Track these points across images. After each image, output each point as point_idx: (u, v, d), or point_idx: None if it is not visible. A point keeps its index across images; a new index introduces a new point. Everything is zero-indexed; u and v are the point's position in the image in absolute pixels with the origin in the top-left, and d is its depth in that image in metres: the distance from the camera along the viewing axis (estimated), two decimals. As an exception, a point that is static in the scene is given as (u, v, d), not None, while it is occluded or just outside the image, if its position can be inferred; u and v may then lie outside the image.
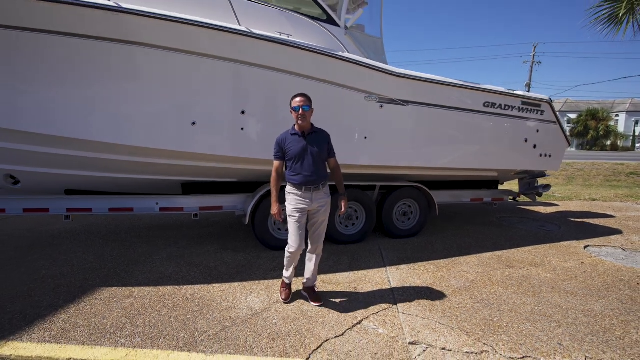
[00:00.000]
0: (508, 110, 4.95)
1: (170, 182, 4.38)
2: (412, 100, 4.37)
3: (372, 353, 2.39)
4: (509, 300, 3.18)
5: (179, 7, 3.58)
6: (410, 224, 5.09)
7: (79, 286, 3.32)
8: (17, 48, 3.28)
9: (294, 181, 2.81)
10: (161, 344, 2.44)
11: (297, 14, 4.14)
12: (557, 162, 5.63)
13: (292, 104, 2.83)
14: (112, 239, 4.82)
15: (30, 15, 3.16)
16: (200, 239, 4.86)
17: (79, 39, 3.31)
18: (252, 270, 3.76)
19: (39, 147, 3.68)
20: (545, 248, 4.71)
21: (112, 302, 3.03)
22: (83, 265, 3.86)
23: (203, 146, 3.84)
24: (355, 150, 4.30)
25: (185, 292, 3.24)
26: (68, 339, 2.48)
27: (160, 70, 3.55)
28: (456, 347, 2.46)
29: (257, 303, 3.05)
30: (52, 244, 4.59)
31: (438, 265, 4.00)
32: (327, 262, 4.00)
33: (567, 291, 3.38)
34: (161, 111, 3.66)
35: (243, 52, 3.66)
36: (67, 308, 2.90)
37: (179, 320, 2.74)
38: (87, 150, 3.72)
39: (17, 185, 4.17)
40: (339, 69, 3.94)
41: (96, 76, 3.47)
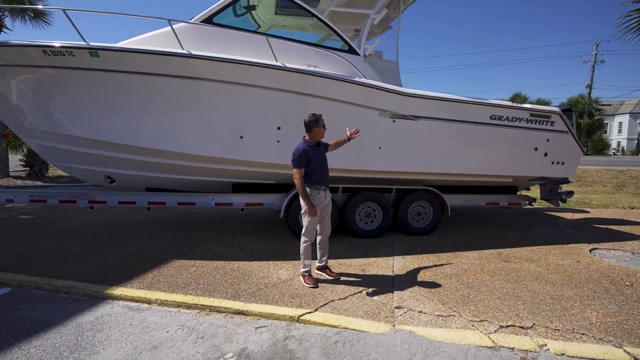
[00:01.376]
0: (515, 121, 5.44)
1: (223, 183, 5.52)
2: (421, 115, 5.09)
3: (364, 311, 3.21)
4: (490, 284, 3.79)
5: (231, 49, 4.71)
6: (424, 223, 5.75)
7: (158, 258, 4.52)
8: (120, 84, 4.61)
9: (319, 183, 3.64)
10: (215, 295, 3.47)
11: (322, 48, 5.09)
12: (571, 169, 5.92)
13: (319, 123, 3.66)
14: (180, 227, 6.09)
15: (132, 62, 4.46)
16: (246, 230, 5.96)
17: (161, 77, 4.56)
18: (284, 253, 4.73)
19: (130, 155, 5.00)
20: (550, 248, 5.12)
21: (181, 268, 4.16)
22: (160, 244, 5.10)
23: (248, 155, 4.92)
24: (371, 158, 5.11)
25: (233, 265, 4.29)
26: (154, 288, 3.62)
27: (216, 97, 4.69)
28: (430, 311, 3.20)
29: (284, 275, 4.00)
30: (137, 230, 5.95)
31: (440, 257, 4.66)
32: (345, 250, 4.85)
33: (548, 281, 3.89)
34: (217, 128, 4.80)
35: (278, 81, 4.69)
36: (152, 271, 4.08)
37: (227, 282, 3.77)
38: (164, 158, 4.96)
39: (113, 184, 5.57)
40: (354, 91, 4.81)
41: (172, 103, 4.70)
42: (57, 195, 5.43)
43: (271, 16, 6.11)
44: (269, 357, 2.56)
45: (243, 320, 3.10)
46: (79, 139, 4.99)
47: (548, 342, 2.73)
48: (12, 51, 4.50)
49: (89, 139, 4.95)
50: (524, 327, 2.94)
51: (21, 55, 4.51)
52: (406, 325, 2.97)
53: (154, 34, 4.86)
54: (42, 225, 6.23)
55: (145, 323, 3.02)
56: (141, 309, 3.29)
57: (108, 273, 4.00)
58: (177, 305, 3.32)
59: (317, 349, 2.67)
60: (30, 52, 4.44)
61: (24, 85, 4.79)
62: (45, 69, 4.58)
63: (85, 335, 2.82)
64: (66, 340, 2.76)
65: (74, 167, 5.52)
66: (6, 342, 2.71)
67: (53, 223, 6.37)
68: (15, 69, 4.66)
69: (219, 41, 4.93)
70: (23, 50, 4.45)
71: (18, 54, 4.50)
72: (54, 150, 5.38)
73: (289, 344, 2.73)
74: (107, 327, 2.95)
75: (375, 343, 2.75)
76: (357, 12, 5.51)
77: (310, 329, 2.94)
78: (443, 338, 2.80)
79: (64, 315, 3.12)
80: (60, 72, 4.58)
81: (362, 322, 3.03)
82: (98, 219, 6.71)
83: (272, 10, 5.94)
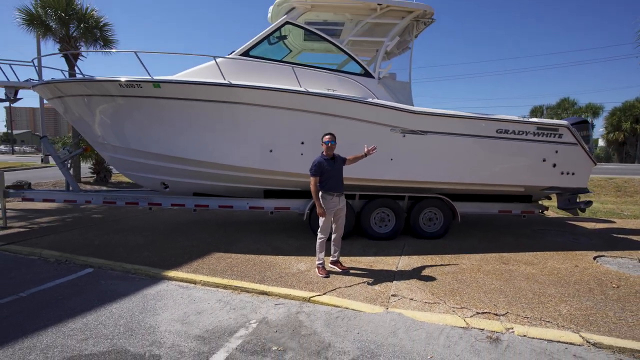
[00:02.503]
0: (522, 135, 5.83)
1: (256, 190, 6.43)
2: (429, 130, 5.67)
3: (364, 296, 3.88)
4: (481, 281, 4.29)
5: (264, 77, 5.63)
6: (435, 228, 6.26)
7: (201, 250, 5.48)
8: (175, 109, 5.68)
9: (332, 190, 4.41)
10: (245, 280, 4.31)
11: (340, 73, 5.86)
12: (582, 179, 6.15)
13: (323, 139, 4.48)
14: (220, 227, 7.10)
15: (185, 91, 5.51)
16: (276, 230, 6.82)
17: (207, 102, 5.57)
18: (305, 250, 5.49)
19: (181, 165, 6.05)
20: (553, 254, 5.43)
21: (220, 259, 5.07)
22: (203, 240, 6.10)
23: (276, 165, 5.78)
24: (383, 169, 5.77)
25: (261, 258, 5.13)
26: (199, 272, 4.54)
27: (250, 118, 5.62)
28: (420, 299, 3.80)
29: (303, 267, 4.76)
30: (185, 228, 7.03)
31: (443, 258, 5.18)
32: (358, 250, 5.52)
33: (537, 280, 4.31)
34: (251, 143, 5.73)
35: (303, 104, 5.52)
36: (197, 260, 5.03)
37: (256, 271, 4.61)
38: (208, 168, 5.96)
39: (167, 189, 6.69)
40: (367, 111, 5.52)
41: (215, 123, 5.70)
42: (124, 198, 6.64)
43: (301, 42, 7.03)
44: (283, 324, 3.33)
45: (266, 298, 3.90)
46: (142, 152, 6.14)
47: (515, 326, 3.24)
48: (96, 85, 5.75)
49: (149, 152, 6.08)
50: (497, 314, 3.46)
51: (102, 88, 5.74)
52: (397, 309, 3.60)
53: (201, 67, 5.90)
54: (111, 222, 7.53)
55: (192, 297, 3.92)
56: (189, 287, 4.20)
57: (164, 260, 5.00)
58: (216, 285, 4.20)
59: (321, 321, 3.39)
60: (108, 85, 5.66)
61: (102, 110, 6.04)
62: (118, 97, 5.77)
63: (149, 303, 3.76)
64: (136, 305, 3.72)
65: (136, 175, 6.72)
66: (95, 305, 3.71)
67: (119, 221, 7.66)
68: (95, 98, 5.91)
69: (254, 70, 5.87)
70: (103, 84, 5.67)
71: (99, 86, 5.74)
72: (121, 161, 6.62)
73: (300, 317, 3.48)
74: (164, 298, 3.89)
75: (368, 320, 3.42)
76: (373, 40, 6.24)
77: (318, 307, 3.67)
78: (425, 319, 3.40)
79: (133, 289, 4.11)
80: (130, 100, 5.75)
81: (360, 304, 3.70)
82: (154, 219, 7.92)
83: (301, 38, 6.85)
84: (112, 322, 3.32)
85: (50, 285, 4.18)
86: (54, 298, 3.85)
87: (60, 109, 6.71)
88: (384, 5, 5.91)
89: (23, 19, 11.82)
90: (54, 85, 6.13)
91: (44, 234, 6.39)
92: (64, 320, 3.36)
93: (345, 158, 4.63)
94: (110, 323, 3.31)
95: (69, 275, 4.52)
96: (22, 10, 11.78)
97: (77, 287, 4.15)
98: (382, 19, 6.08)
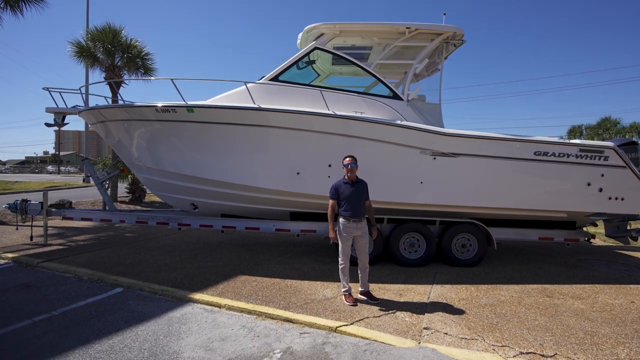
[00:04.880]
0: (563, 157, 5.48)
1: (283, 212, 6.40)
2: (460, 153, 5.47)
3: (394, 328, 3.65)
4: (523, 316, 3.94)
5: (293, 101, 5.70)
6: (469, 255, 5.91)
7: (227, 273, 5.45)
8: (208, 132, 5.84)
9: (346, 215, 4.28)
10: (270, 305, 4.20)
11: (368, 95, 5.85)
12: (633, 205, 5.65)
13: (343, 162, 4.36)
14: (247, 249, 7.09)
15: (217, 115, 5.67)
16: (302, 253, 6.72)
17: (238, 126, 5.69)
18: (332, 275, 5.33)
19: (210, 187, 6.16)
20: (604, 287, 4.94)
21: (245, 283, 5.01)
22: (229, 262, 6.08)
23: (304, 188, 5.75)
24: (413, 192, 5.58)
25: (287, 283, 5.02)
26: (224, 296, 4.48)
27: (279, 140, 5.67)
28: (455, 334, 3.52)
29: (329, 293, 4.60)
30: (212, 249, 7.08)
31: (479, 288, 4.85)
32: (387, 276, 5.29)
33: (588, 318, 3.89)
34: (279, 165, 5.75)
35: (331, 126, 5.52)
36: (222, 283, 4.99)
37: (281, 296, 4.50)
38: (236, 190, 6.02)
39: (196, 210, 6.81)
40: (395, 133, 5.42)
41: (245, 145, 5.79)
42: (155, 218, 6.81)
43: (329, 67, 7.13)
44: (308, 355, 3.17)
45: (291, 326, 3.76)
46: (173, 174, 6.33)
47: (565, 370, 2.90)
48: (134, 110, 6.06)
49: (181, 174, 6.25)
50: (544, 355, 3.13)
51: (140, 113, 6.03)
52: (430, 344, 3.35)
53: (233, 93, 6.08)
54: (142, 241, 7.72)
55: (216, 322, 3.85)
56: (214, 311, 4.15)
57: (191, 281, 5.00)
58: (241, 310, 4.12)
59: (348, 354, 3.20)
60: (146, 110, 5.94)
61: (139, 134, 6.33)
62: (155, 122, 6.03)
63: (174, 326, 3.73)
64: (161, 328, 3.69)
65: (168, 195, 6.91)
66: (122, 326, 3.72)
67: (150, 240, 7.85)
68: (134, 122, 6.21)
69: (283, 94, 5.97)
70: (141, 109, 5.96)
71: (138, 111, 6.04)
72: (154, 182, 6.84)
73: (326, 348, 3.31)
74: (189, 321, 3.84)
75: (399, 355, 3.19)
76: (401, 62, 6.22)
77: (345, 339, 3.49)
78: (462, 357, 3.13)
79: (159, 311, 4.11)
80: (165, 124, 6.00)
81: (390, 337, 3.48)
82: (183, 239, 8.06)
83: (329, 62, 6.95)
84: (137, 346, 3.30)
85: (82, 304, 4.26)
86: (84, 317, 3.90)
87: (102, 133, 7.11)
88: (413, 29, 5.91)
89: (75, 51, 12.88)
90: (97, 111, 6.52)
91: (80, 252, 6.63)
92: (92, 341, 3.38)
93: (365, 186, 4.40)
94: (135, 346, 3.29)
95: (100, 294, 4.61)
96: (75, 44, 12.86)
97: (106, 307, 4.20)
98: (410, 42, 6.07)
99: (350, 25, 6.00)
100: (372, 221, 4.49)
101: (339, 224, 4.35)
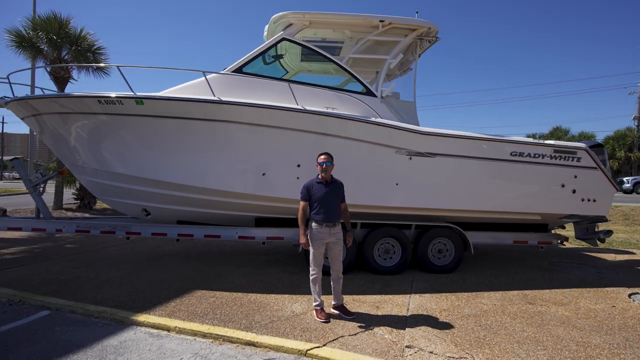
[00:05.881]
0: (538, 158, 5.35)
1: (247, 217, 5.80)
2: (438, 153, 5.18)
3: (373, 348, 3.19)
4: (510, 327, 3.62)
5: (259, 95, 5.16)
6: (446, 261, 5.62)
7: (182, 288, 4.76)
8: (160, 128, 5.16)
9: (318, 219, 3.78)
10: (229, 325, 3.60)
11: (341, 91, 5.44)
12: (604, 206, 5.63)
13: (317, 160, 3.87)
14: (206, 259, 6.38)
15: (170, 108, 5.01)
16: (268, 263, 6.13)
17: (194, 121, 5.06)
18: (301, 287, 4.80)
19: (164, 190, 5.45)
20: (582, 291, 4.80)
21: (201, 299, 4.36)
22: (185, 275, 5.38)
23: (269, 190, 5.20)
24: (388, 194, 5.21)
25: (250, 297, 4.43)
26: (175, 316, 3.82)
27: (242, 138, 5.10)
28: (442, 352, 3.12)
29: (298, 309, 4.07)
30: (166, 260, 6.31)
31: (459, 297, 4.52)
32: (361, 286, 4.85)
33: (575, 326, 3.65)
34: (242, 165, 5.17)
35: (300, 123, 5.03)
36: (175, 300, 4.31)
37: (243, 314, 3.91)
38: (193, 193, 5.35)
39: (148, 217, 6.03)
40: (370, 131, 5.04)
41: (203, 143, 5.16)
42: (99, 227, 5.95)
43: (297, 63, 6.66)
44: (273, 388, 2.62)
45: (253, 351, 3.19)
46: (121, 176, 5.54)
47: (566, 391, 2.57)
48: (73, 101, 5.24)
49: (130, 176, 5.49)
50: (540, 374, 2.79)
51: (80, 104, 5.23)
52: (414, 365, 2.92)
53: (191, 84, 5.43)
54: (86, 253, 6.78)
55: (163, 350, 3.20)
56: (161, 335, 3.48)
57: (136, 300, 4.28)
58: (194, 333, 3.49)
59: (321, 384, 2.69)
60: (88, 101, 5.15)
61: (81, 130, 5.49)
62: (99, 115, 5.25)
63: (108, 358, 3.04)
64: (91, 361, 2.99)
65: (116, 200, 6.08)
66: (40, 360, 2.98)
67: (95, 252, 6.91)
68: (74, 116, 5.38)
69: (248, 88, 5.42)
70: (83, 100, 5.17)
71: (78, 103, 5.23)
72: (100, 186, 6.00)
73: (294, 377, 2.77)
74: (128, 351, 3.16)
75: (380, 381, 2.72)
76: (375, 57, 5.88)
77: (317, 364, 2.97)
78: (452, 381, 2.72)
79: (93, 338, 3.38)
80: (111, 118, 5.23)
81: (370, 359, 3.01)
82: (134, 249, 7.19)
83: (298, 58, 6.48)
84: (53, 389, 2.60)
85: (-9, 334, 3.44)
86: (-10, 352, 3.11)
87: (35, 128, 6.16)
88: (387, 23, 5.59)
89: (13, 40, 11.53)
90: (27, 102, 5.61)
91: (5, 267, 5.64)
92: (-8, 385, 2.63)
93: (342, 187, 3.95)
94: (50, 390, 2.58)
95: (19, 320, 3.78)
96: (13, 32, 11.52)
97: (23, 337, 3.41)
98: (384, 37, 5.75)
99: (321, 15, 5.58)
100: (348, 226, 4.04)
101: (311, 229, 3.85)
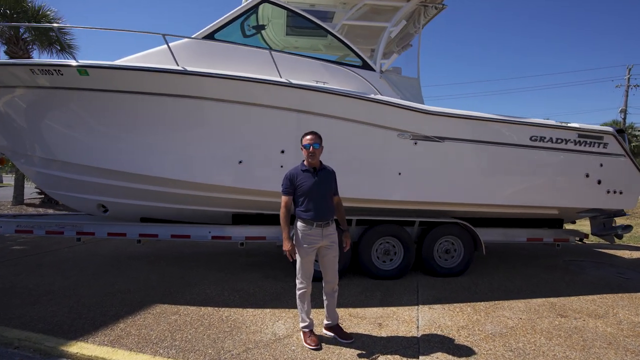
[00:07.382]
0: (561, 143, 4.63)
1: (222, 213, 4.92)
2: (448, 137, 4.39)
3: (380, 389, 2.39)
4: (549, 352, 2.88)
5: (236, 66, 4.25)
6: (454, 262, 4.87)
7: (139, 301, 3.87)
8: (111, 105, 4.21)
9: (306, 217, 2.92)
10: (190, 357, 2.75)
11: (332, 62, 4.57)
12: (631, 199, 4.97)
13: (302, 142, 2.94)
14: (176, 262, 5.48)
15: (123, 80, 4.07)
16: (248, 267, 5.27)
17: (154, 96, 4.13)
18: (286, 298, 3.97)
19: (122, 182, 4.51)
20: (615, 298, 4.12)
21: (160, 317, 3.48)
22: (146, 283, 4.48)
23: (248, 182, 4.33)
24: (389, 186, 4.40)
25: (222, 313, 3.58)
26: (120, 344, 2.94)
27: (213, 118, 4.20)
28: (471, 394, 2.34)
29: (282, 329, 3.24)
30: (128, 264, 5.37)
31: (476, 308, 3.77)
32: (358, 295, 4.06)
33: (627, 349, 2.94)
34: (214, 152, 4.28)
35: (283, 99, 4.16)
36: (126, 318, 3.42)
37: (210, 338, 3.06)
38: (159, 185, 4.44)
39: (106, 213, 5.08)
40: (368, 109, 4.20)
41: (165, 124, 4.25)
42: (44, 226, 4.98)
43: (282, 37, 5.74)
44: None
45: (219, 397, 2.35)
46: (69, 165, 4.58)
47: None
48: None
49: (79, 165, 4.53)
50: None
51: (8, 75, 4.21)
52: (438, 417, 2.13)
53: (152, 52, 4.48)
54: (33, 257, 5.78)
55: (95, 397, 2.33)
56: (96, 374, 2.61)
57: (75, 320, 3.37)
58: (141, 370, 2.63)
59: None
60: (17, 71, 4.15)
61: (13, 109, 4.49)
62: (33, 89, 4.26)
63: (12, 415, 2.16)
64: (-15, 421, 2.10)
65: (65, 195, 5.11)
66: None
67: (44, 255, 5.91)
68: (2, 90, 4.36)
69: (222, 58, 4.50)
70: (9, 70, 4.16)
71: (5, 73, 4.21)
72: (46, 177, 5.02)
73: None
74: (44, 402, 2.28)
75: None
76: (373, 25, 5.02)
77: (306, 417, 2.16)
78: None
79: (0, 381, 2.49)
80: (50, 92, 4.25)
81: (376, 407, 2.21)
82: (92, 251, 6.21)
83: (282, 31, 5.56)
84: None
85: None
86: None
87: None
88: (386, -17, 4.74)
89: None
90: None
91: None
92: None
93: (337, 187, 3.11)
94: None
95: None
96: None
97: None
98: (382, 1, 4.89)
99: (309, -27, 4.69)
100: (344, 225, 3.20)
101: (296, 231, 3.00)
